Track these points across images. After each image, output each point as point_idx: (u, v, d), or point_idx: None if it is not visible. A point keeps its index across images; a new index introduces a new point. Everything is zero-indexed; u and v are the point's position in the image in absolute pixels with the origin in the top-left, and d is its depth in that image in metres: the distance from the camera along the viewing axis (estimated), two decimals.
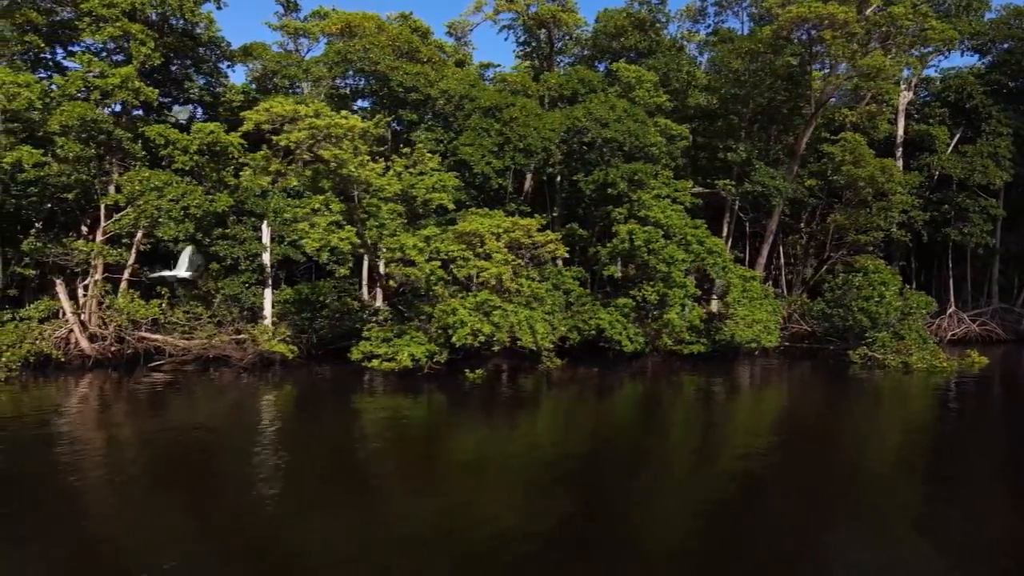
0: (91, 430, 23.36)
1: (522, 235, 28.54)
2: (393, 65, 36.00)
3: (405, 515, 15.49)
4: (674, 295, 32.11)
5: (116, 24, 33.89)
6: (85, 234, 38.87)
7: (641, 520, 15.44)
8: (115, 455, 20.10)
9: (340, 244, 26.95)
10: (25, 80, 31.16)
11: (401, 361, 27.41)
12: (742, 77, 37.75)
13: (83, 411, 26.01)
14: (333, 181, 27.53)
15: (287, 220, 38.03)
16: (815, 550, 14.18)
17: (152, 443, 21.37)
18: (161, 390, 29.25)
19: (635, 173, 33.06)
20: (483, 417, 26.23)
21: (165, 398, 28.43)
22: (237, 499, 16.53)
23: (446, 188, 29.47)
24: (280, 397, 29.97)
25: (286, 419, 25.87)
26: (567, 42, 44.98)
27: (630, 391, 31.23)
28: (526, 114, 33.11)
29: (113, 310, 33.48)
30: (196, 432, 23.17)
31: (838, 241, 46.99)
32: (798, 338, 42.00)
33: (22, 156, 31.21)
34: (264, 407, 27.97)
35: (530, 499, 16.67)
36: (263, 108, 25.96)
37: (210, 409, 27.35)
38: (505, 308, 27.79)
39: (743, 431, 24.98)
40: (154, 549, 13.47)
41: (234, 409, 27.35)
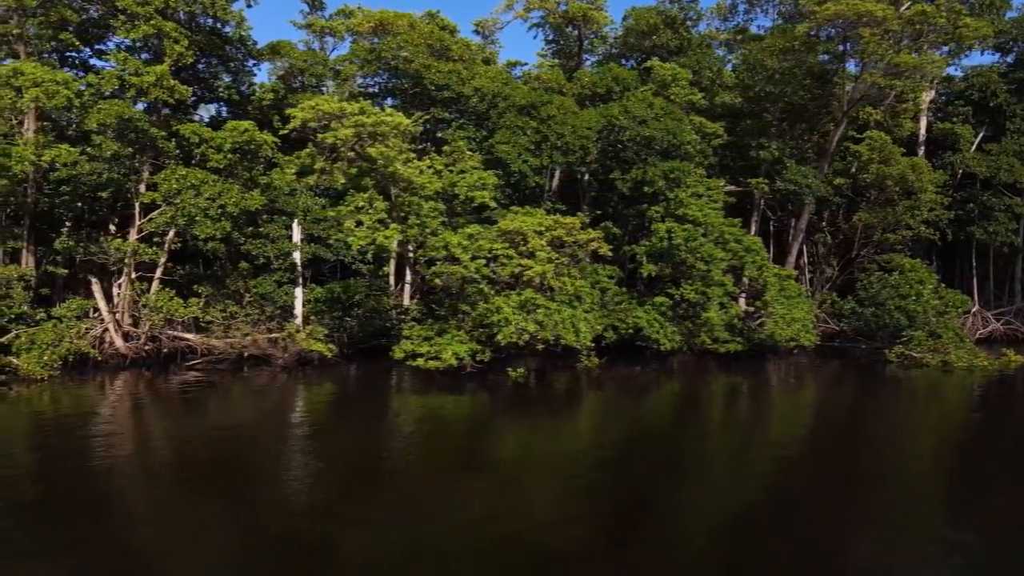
0: (135, 430, 23.24)
1: (564, 233, 28.44)
2: (426, 63, 35.88)
3: (454, 516, 15.30)
4: (713, 293, 32.01)
5: (150, 22, 33.78)
6: (114, 232, 38.84)
7: (683, 519, 15.35)
8: (161, 457, 19.93)
9: (385, 242, 26.84)
10: (63, 78, 31.04)
11: (446, 360, 27.30)
12: (776, 75, 37.61)
13: (123, 411, 25.90)
14: (375, 179, 27.41)
15: (331, 219, 37.92)
16: (856, 549, 13.94)
17: (198, 444, 21.27)
18: (199, 389, 29.18)
19: (672, 171, 32.94)
20: (527, 416, 26.16)
21: (205, 398, 28.36)
22: (282, 499, 16.42)
23: (486, 186, 29.37)
24: (320, 396, 29.89)
25: (329, 419, 25.78)
26: (593, 40, 44.84)
27: (669, 390, 31.16)
28: (563, 112, 33.00)
29: (150, 309, 33.37)
30: (240, 432, 23.07)
31: (864, 240, 46.84)
32: (826, 337, 41.90)
33: (60, 154, 31.11)
34: (305, 406, 27.90)
35: (578, 499, 16.55)
36: (308, 105, 25.86)
37: (252, 408, 27.28)
38: (548, 307, 27.68)
39: (789, 431, 24.89)
40: (194, 553, 13.26)
41: (276, 409, 27.27)
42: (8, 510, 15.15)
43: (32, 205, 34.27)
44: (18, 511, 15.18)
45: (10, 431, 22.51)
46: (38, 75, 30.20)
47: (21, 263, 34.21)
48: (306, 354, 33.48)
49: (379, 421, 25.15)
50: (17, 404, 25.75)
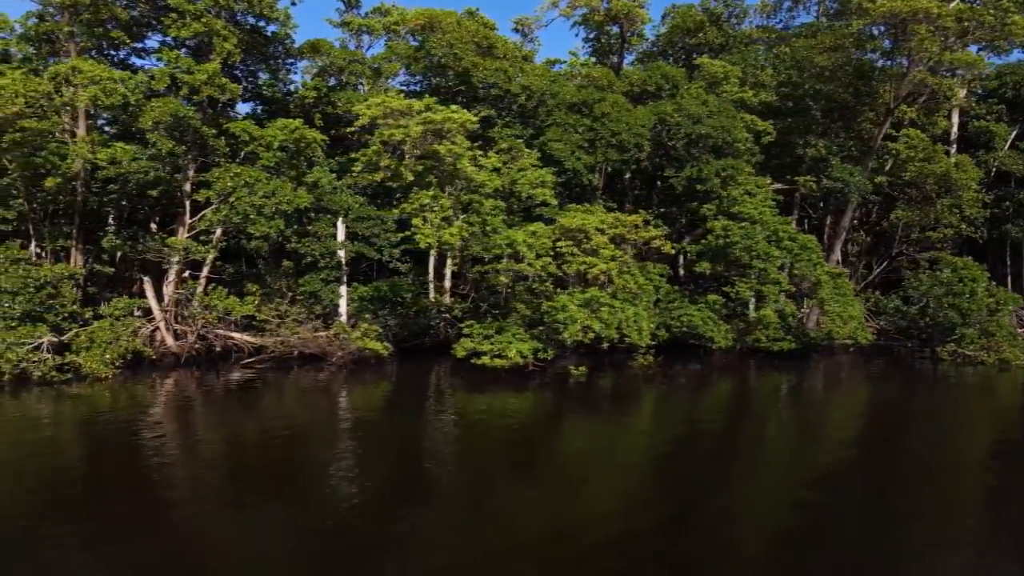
0: (199, 430, 23.15)
1: (626, 231, 28.33)
2: (474, 61, 35.77)
3: (527, 515, 15.27)
4: (769, 291, 31.91)
5: (201, 20, 33.66)
6: (155, 231, 38.75)
7: (741, 518, 15.31)
8: (230, 455, 19.80)
9: (451, 239, 26.73)
10: (120, 76, 30.93)
11: (512, 358, 27.21)
12: (826, 72, 37.48)
13: (189, 409, 25.76)
14: (439, 177, 27.31)
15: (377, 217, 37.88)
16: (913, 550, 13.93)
17: (270, 441, 21.21)
18: (258, 388, 29.12)
19: (726, 169, 32.84)
20: (592, 414, 26.13)
21: (267, 396, 28.32)
22: (352, 497, 16.41)
23: (545, 184, 29.26)
24: (378, 394, 29.85)
25: (393, 417, 25.74)
26: (631, 38, 44.69)
27: (724, 387, 31.10)
28: (617, 109, 32.87)
29: (204, 307, 33.28)
30: (306, 430, 23.03)
31: (903, 238, 46.72)
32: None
33: (116, 152, 31.01)
34: (366, 404, 27.85)
35: (643, 496, 16.62)
36: (375, 102, 25.75)
37: (315, 406, 27.22)
38: (612, 305, 27.58)
39: (852, 429, 24.88)
40: (254, 552, 13.22)
41: (339, 407, 27.21)
42: (77, 502, 15.44)
43: (81, 204, 34.18)
44: (83, 504, 15.46)
45: (76, 428, 22.42)
46: (96, 73, 30.09)
47: (70, 262, 34.12)
48: (356, 352, 33.37)
49: (444, 419, 25.10)
50: (78, 402, 25.64)
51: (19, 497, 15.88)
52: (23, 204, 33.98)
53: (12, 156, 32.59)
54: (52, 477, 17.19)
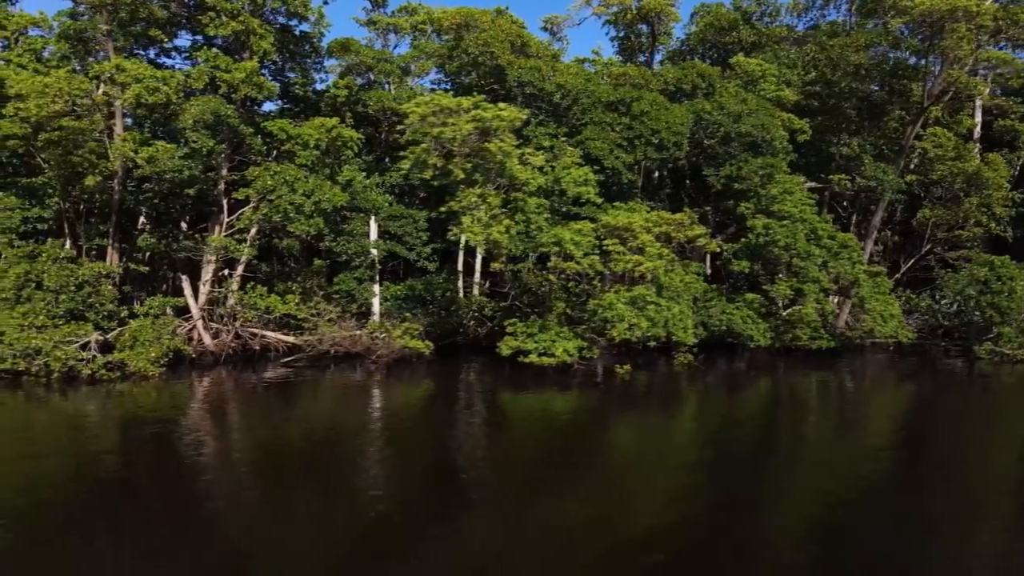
0: (252, 429, 23.12)
1: (672, 229, 28.31)
2: (510, 59, 35.75)
3: (576, 511, 15.26)
4: (810, 290, 31.90)
5: (238, 19, 33.64)
6: (185, 230, 38.74)
7: (783, 517, 15.36)
8: (276, 454, 19.73)
9: (499, 237, 26.70)
10: (162, 75, 30.89)
11: (559, 357, 27.19)
12: (862, 71, 37.48)
13: (232, 409, 25.77)
14: (484, 175, 27.30)
15: (408, 216, 37.94)
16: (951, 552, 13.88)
17: (312, 439, 21.23)
18: (300, 386, 29.10)
19: (766, 167, 32.83)
20: (638, 412, 26.15)
21: (309, 394, 28.36)
22: (397, 493, 16.48)
23: (589, 182, 29.24)
24: (420, 392, 29.81)
25: (437, 414, 25.68)
26: (660, 37, 44.68)
27: (765, 386, 31.08)
28: (656, 108, 32.84)
29: (243, 306, 33.27)
30: (355, 429, 22.97)
31: (931, 236, 46.64)
32: None
33: (157, 151, 30.97)
34: (411, 403, 27.84)
35: (689, 494, 16.62)
36: (424, 101, 25.74)
37: (363, 405, 27.20)
38: (659, 303, 27.56)
39: (898, 427, 24.91)
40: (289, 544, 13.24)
41: (383, 405, 27.16)
42: (124, 497, 15.64)
43: (118, 203, 34.18)
44: (131, 498, 15.64)
45: (126, 425, 22.42)
46: (139, 71, 30.07)
47: (106, 260, 34.10)
48: (396, 351, 33.32)
49: (491, 417, 25.12)
50: (126, 400, 25.62)
51: (86, 486, 16.22)
52: (59, 203, 34.00)
53: (49, 155, 32.62)
54: (107, 471, 17.50)
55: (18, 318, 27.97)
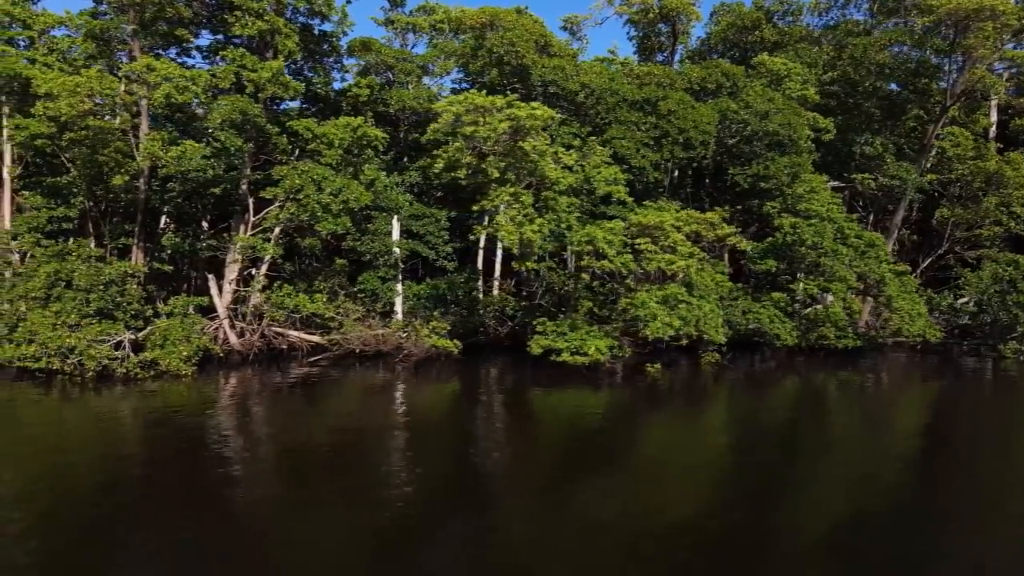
0: (280, 428, 23.03)
1: (704, 228, 28.32)
2: (534, 58, 35.76)
3: (613, 508, 15.40)
4: (837, 289, 31.92)
5: (264, 18, 33.65)
6: (206, 229, 38.77)
7: (811, 519, 15.40)
8: (309, 454, 19.70)
9: (533, 236, 26.72)
10: (192, 75, 30.89)
11: (592, 356, 27.22)
12: (886, 70, 37.50)
13: (266, 408, 25.73)
14: (516, 174, 27.31)
15: (430, 216, 37.98)
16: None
17: (345, 438, 21.28)
18: (328, 385, 29.16)
19: (793, 166, 32.85)
20: (671, 410, 26.20)
21: (339, 393, 28.38)
22: (434, 490, 16.57)
23: (618, 181, 29.26)
24: (450, 391, 29.81)
25: (468, 413, 25.72)
26: (680, 36, 44.69)
27: (791, 385, 31.12)
28: (683, 107, 32.86)
29: (270, 305, 33.26)
30: (388, 426, 23.02)
31: (949, 236, 46.68)
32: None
33: (186, 150, 30.97)
34: (441, 401, 27.84)
35: (723, 494, 16.73)
36: (458, 99, 25.74)
37: (392, 403, 27.19)
38: (690, 301, 27.59)
39: (925, 427, 25.03)
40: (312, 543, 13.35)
41: (414, 403, 27.15)
42: (157, 495, 15.81)
43: (144, 202, 34.20)
44: (166, 494, 15.84)
45: (161, 424, 22.42)
46: (169, 71, 30.08)
47: (131, 260, 34.11)
48: (424, 350, 33.32)
49: (527, 415, 25.15)
50: (159, 398, 25.60)
51: (123, 483, 16.54)
52: (83, 202, 34.04)
53: (75, 154, 32.67)
54: (146, 468, 17.75)
55: (50, 317, 28.00)
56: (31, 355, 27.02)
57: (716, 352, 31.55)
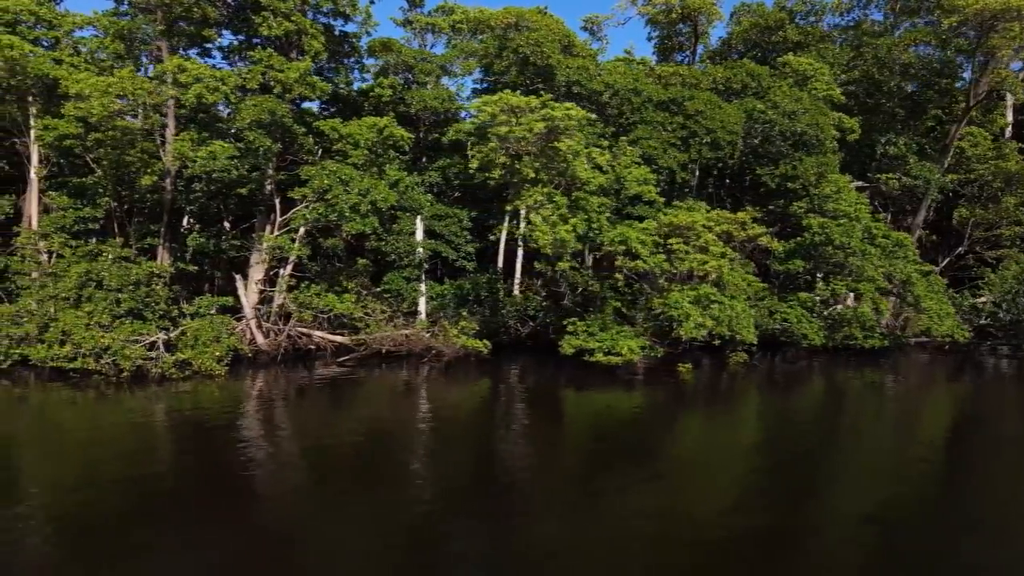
0: (318, 428, 23.02)
1: (735, 228, 28.35)
2: (559, 58, 35.80)
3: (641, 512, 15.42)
4: (865, 289, 31.94)
5: (291, 19, 33.68)
6: (228, 229, 38.77)
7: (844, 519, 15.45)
8: (347, 453, 19.84)
9: (566, 237, 26.74)
10: (222, 75, 30.91)
11: (626, 356, 27.24)
12: (911, 70, 37.54)
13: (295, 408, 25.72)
14: (549, 174, 27.34)
15: (454, 215, 38.02)
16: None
17: (379, 438, 21.39)
18: (358, 385, 29.19)
19: (821, 166, 32.88)
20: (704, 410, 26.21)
21: (371, 393, 28.41)
22: (469, 488, 16.72)
23: (649, 181, 29.29)
24: (481, 391, 29.82)
25: (500, 413, 25.70)
26: (701, 36, 44.68)
27: (825, 384, 31.15)
28: (711, 107, 32.89)
29: (297, 305, 33.29)
30: (423, 426, 23.09)
31: (969, 235, 46.72)
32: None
33: (215, 150, 30.99)
34: (473, 401, 27.83)
35: (755, 496, 16.76)
36: (493, 100, 25.75)
37: (424, 403, 27.19)
38: (723, 301, 27.62)
39: (957, 426, 25.02)
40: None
41: (446, 403, 27.19)
42: (204, 490, 16.09)
43: (170, 202, 34.23)
44: (208, 492, 16.02)
45: (198, 424, 22.47)
46: (200, 71, 30.11)
47: (157, 260, 34.14)
48: (457, 350, 33.30)
49: (559, 416, 25.17)
50: (193, 398, 25.63)
51: (168, 480, 16.75)
52: (109, 202, 34.05)
53: (102, 154, 32.68)
54: (188, 467, 17.99)
55: (83, 317, 28.03)
56: (65, 355, 27.07)
57: (744, 352, 31.56)
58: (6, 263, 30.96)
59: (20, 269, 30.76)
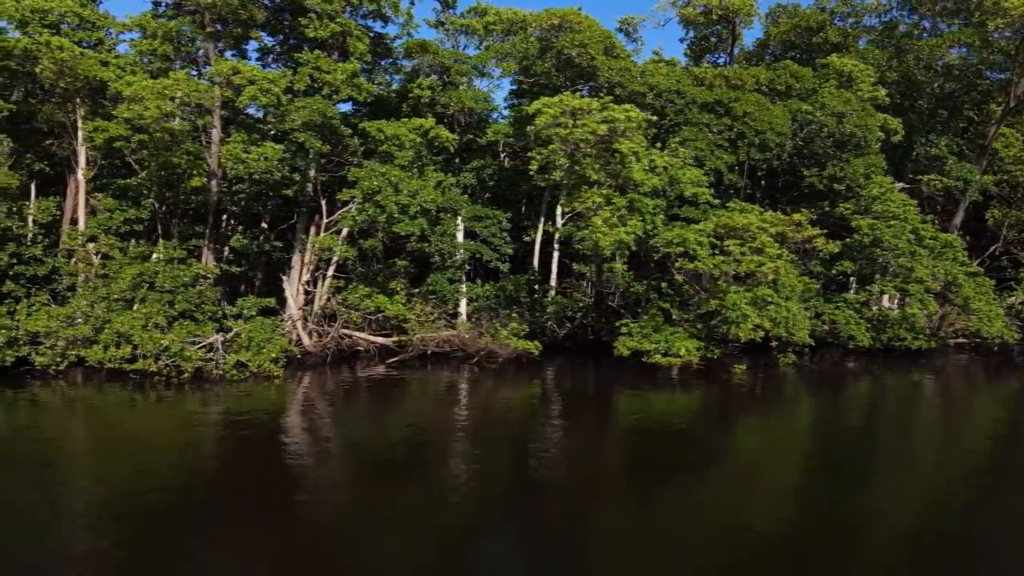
0: (383, 427, 23.24)
1: (790, 230, 28.38)
2: (602, 60, 35.82)
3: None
4: (915, 290, 31.94)
5: (337, 20, 33.73)
6: (265, 230, 38.78)
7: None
8: (412, 450, 20.13)
9: (627, 239, 26.76)
10: (273, 76, 30.94)
11: (684, 357, 27.26)
12: (954, 71, 37.55)
13: (356, 408, 25.95)
14: (607, 176, 27.36)
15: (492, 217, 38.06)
16: None
17: (441, 437, 21.63)
18: (409, 387, 29.27)
19: (869, 167, 32.89)
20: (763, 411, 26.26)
21: (426, 394, 28.51)
22: (537, 489, 16.93)
23: (702, 183, 29.32)
24: (534, 392, 29.85)
25: (556, 414, 25.83)
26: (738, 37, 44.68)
27: (878, 385, 31.21)
28: (759, 109, 32.90)
29: (345, 306, 33.32)
30: (480, 427, 23.17)
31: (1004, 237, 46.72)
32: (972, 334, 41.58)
33: (267, 151, 31.02)
34: (528, 402, 27.86)
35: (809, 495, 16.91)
36: (554, 101, 25.78)
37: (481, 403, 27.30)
38: (779, 303, 27.63)
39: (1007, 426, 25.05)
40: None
41: (500, 404, 27.28)
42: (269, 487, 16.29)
43: (216, 204, 34.26)
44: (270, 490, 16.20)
45: (258, 424, 22.57)
46: (253, 73, 30.15)
47: (202, 261, 34.16)
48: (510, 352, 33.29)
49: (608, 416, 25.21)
50: (252, 399, 25.67)
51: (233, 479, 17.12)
52: (153, 204, 34.10)
53: (147, 156, 32.73)
54: (257, 466, 18.18)
55: (140, 319, 28.05)
56: (122, 357, 27.09)
57: (793, 353, 31.57)
58: (54, 265, 30.94)
59: (71, 271, 30.78)
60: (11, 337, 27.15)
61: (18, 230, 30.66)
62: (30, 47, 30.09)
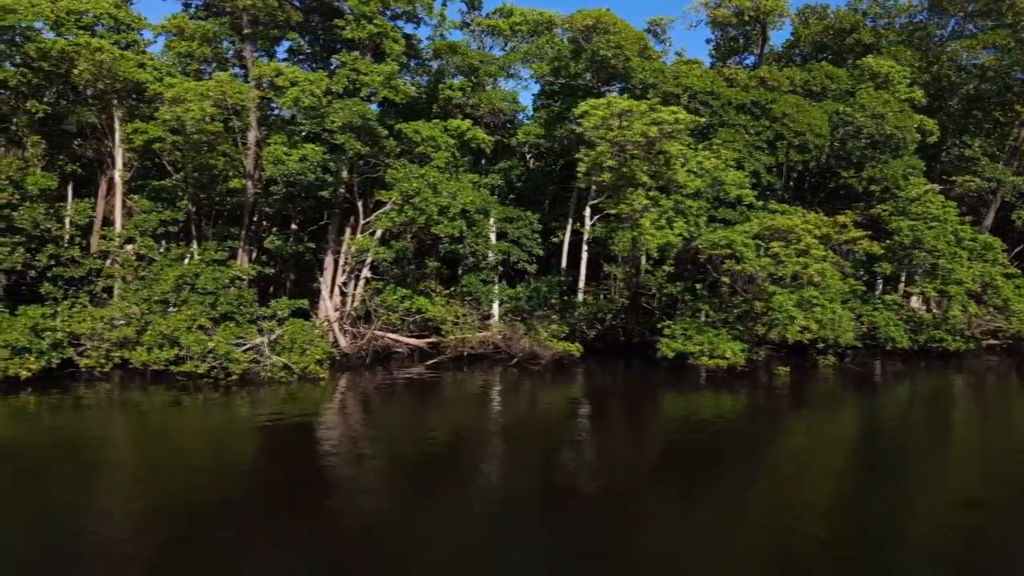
0: (431, 428, 23.23)
1: (834, 231, 28.34)
2: (638, 61, 35.79)
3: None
4: (955, 292, 31.90)
5: (374, 22, 33.69)
6: (296, 231, 38.72)
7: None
8: (460, 452, 20.14)
9: (674, 240, 26.73)
10: (313, 78, 30.90)
11: (731, 359, 27.23)
12: (989, 72, 37.52)
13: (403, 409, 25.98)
14: (652, 178, 27.33)
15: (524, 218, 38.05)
16: None
17: (485, 438, 21.65)
18: (450, 388, 29.25)
19: (908, 168, 32.86)
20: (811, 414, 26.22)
21: (465, 395, 28.48)
22: (578, 490, 16.98)
23: (744, 185, 29.28)
24: (574, 394, 29.80)
25: (599, 416, 25.80)
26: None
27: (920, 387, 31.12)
28: (798, 110, 32.86)
29: (384, 308, 33.28)
30: (525, 428, 23.21)
31: None
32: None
33: (307, 153, 30.97)
34: (570, 404, 27.84)
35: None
36: (600, 104, 25.78)
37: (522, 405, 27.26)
38: (824, 304, 27.60)
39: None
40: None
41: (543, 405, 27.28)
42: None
43: (252, 205, 34.22)
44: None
45: (306, 424, 22.60)
46: (295, 75, 30.11)
47: (238, 263, 34.10)
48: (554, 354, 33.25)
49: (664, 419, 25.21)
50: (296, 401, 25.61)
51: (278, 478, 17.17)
52: (188, 205, 34.04)
53: (182, 157, 32.70)
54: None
55: (184, 320, 28.01)
56: (168, 359, 27.04)
57: (835, 355, 31.54)
58: (91, 266, 30.86)
59: (111, 272, 30.73)
60: (55, 339, 27.09)
61: (56, 232, 30.62)
62: (67, 48, 29.95)
